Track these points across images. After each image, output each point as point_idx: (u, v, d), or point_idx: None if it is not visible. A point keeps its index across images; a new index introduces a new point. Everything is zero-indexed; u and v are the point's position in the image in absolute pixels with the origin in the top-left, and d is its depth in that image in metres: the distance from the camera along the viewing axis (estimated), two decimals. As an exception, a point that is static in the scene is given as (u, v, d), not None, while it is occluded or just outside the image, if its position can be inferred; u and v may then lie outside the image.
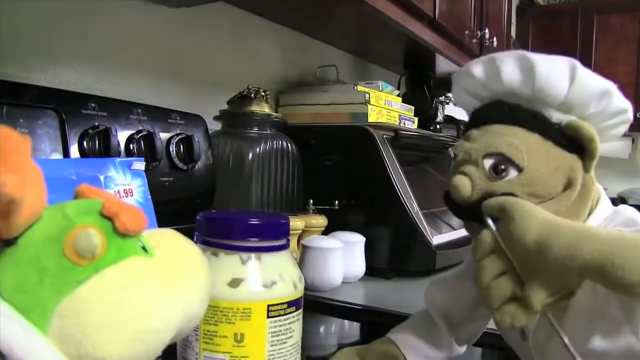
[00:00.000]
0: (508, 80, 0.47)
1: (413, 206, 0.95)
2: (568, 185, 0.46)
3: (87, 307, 0.29)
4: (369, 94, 1.14)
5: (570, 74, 0.45)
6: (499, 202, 0.44)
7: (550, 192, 0.45)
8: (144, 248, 0.32)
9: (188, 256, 0.36)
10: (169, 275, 0.33)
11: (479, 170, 0.46)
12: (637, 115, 2.74)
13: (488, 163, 0.46)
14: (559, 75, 0.45)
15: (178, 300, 0.33)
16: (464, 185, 0.46)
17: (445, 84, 1.73)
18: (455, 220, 1.04)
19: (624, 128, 0.50)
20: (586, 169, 0.46)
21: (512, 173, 0.45)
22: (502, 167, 0.45)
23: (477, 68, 0.50)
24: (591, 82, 0.46)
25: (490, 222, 0.43)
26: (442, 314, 0.55)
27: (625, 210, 0.48)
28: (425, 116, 1.52)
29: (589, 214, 0.48)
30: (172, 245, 0.35)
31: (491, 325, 0.52)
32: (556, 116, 0.47)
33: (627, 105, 0.48)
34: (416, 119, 1.37)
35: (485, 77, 0.50)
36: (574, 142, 0.46)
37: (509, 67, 0.47)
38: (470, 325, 0.56)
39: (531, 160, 0.45)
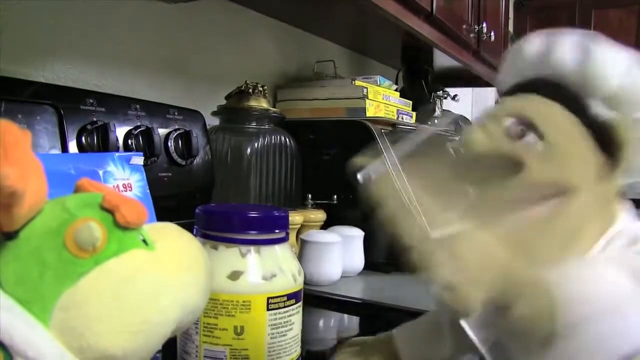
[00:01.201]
0: (559, 62, 0.43)
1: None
2: (582, 183, 0.40)
3: (89, 299, 0.29)
4: (366, 88, 1.14)
5: (628, 66, 0.42)
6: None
7: (566, 178, 0.40)
8: (144, 241, 0.32)
9: (189, 249, 0.36)
10: (170, 268, 0.33)
11: (499, 127, 0.41)
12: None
13: (508, 121, 0.41)
14: (614, 65, 0.42)
15: (179, 293, 0.33)
16: (479, 139, 0.41)
17: (443, 78, 1.73)
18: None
19: None
20: (608, 175, 0.41)
21: (532, 138, 0.40)
22: (522, 127, 0.40)
23: (528, 46, 0.46)
24: None
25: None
26: (450, 314, 0.51)
27: (635, 226, 0.42)
28: (423, 111, 1.53)
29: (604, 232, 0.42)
30: (172, 239, 0.36)
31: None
32: (600, 110, 0.42)
33: None
34: (414, 114, 1.37)
35: (535, 57, 0.45)
36: (607, 143, 0.41)
37: (563, 48, 0.43)
38: None
39: (556, 134, 0.40)
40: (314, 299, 0.79)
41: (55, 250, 0.29)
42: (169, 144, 0.78)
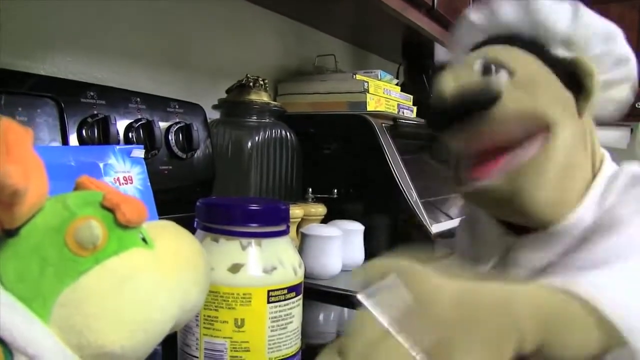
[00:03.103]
0: (506, 18, 0.46)
1: (412, 195, 0.95)
2: (559, 118, 0.41)
3: (88, 297, 0.29)
4: (367, 82, 1.14)
5: (573, 11, 0.44)
6: (384, 264, 0.32)
7: (541, 109, 0.41)
8: (144, 239, 0.33)
9: (188, 248, 0.36)
10: (169, 267, 0.33)
11: (468, 70, 0.42)
12: (636, 105, 2.74)
13: (478, 62, 0.43)
14: (560, 11, 0.44)
15: (178, 292, 0.33)
16: (447, 81, 0.41)
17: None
18: (454, 210, 1.05)
19: (626, 90, 0.46)
20: (579, 111, 0.43)
21: (503, 74, 0.42)
22: (493, 66, 0.42)
23: (474, 15, 0.48)
24: (596, 21, 0.45)
25: (364, 299, 0.31)
26: None
27: (630, 167, 0.44)
28: (424, 105, 1.52)
29: (594, 176, 0.44)
30: (172, 238, 0.36)
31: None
32: (559, 52, 0.44)
33: (631, 54, 0.46)
34: (415, 108, 1.37)
35: (483, 21, 0.48)
36: (573, 80, 0.43)
37: (506, 6, 0.46)
38: None
39: (525, 69, 0.42)
40: (314, 292, 0.79)
41: (56, 248, 0.29)
42: (170, 137, 0.78)
